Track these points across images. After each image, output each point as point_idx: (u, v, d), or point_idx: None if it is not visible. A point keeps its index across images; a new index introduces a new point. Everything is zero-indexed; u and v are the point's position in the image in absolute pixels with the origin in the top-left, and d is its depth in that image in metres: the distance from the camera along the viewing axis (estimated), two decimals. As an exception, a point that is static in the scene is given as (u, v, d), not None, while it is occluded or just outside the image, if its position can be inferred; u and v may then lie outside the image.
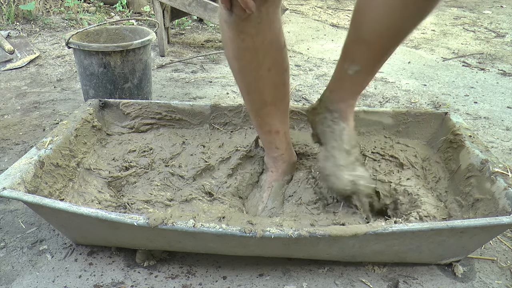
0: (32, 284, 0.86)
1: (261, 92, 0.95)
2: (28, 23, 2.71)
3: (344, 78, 0.97)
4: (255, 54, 0.89)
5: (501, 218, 0.79)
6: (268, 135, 1.03)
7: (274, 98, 0.97)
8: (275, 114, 0.99)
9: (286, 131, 1.04)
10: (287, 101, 1.00)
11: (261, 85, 0.94)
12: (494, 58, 2.49)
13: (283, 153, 1.05)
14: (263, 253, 0.88)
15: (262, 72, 0.91)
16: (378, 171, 1.11)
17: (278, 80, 0.95)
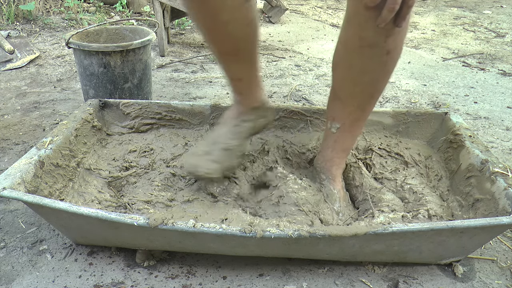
0: (32, 284, 0.86)
1: (220, 43, 0.94)
2: (28, 23, 2.71)
3: (328, 136, 1.02)
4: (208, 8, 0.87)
5: (501, 218, 0.79)
6: (230, 81, 1.03)
7: (235, 50, 0.96)
8: (236, 63, 0.99)
9: (250, 78, 1.03)
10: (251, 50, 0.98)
11: (219, 37, 0.93)
12: (494, 58, 2.49)
13: (244, 98, 1.05)
14: (263, 253, 0.88)
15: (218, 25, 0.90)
16: (385, 168, 1.12)
17: (239, 33, 0.93)
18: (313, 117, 1.24)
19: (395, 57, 0.89)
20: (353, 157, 1.13)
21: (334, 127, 0.99)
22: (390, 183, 1.08)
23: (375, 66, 0.89)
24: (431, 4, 4.11)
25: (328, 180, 1.04)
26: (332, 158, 1.04)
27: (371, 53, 0.86)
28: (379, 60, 0.87)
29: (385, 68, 0.90)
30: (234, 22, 0.90)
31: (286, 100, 1.81)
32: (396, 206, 0.98)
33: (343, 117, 0.98)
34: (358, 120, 0.99)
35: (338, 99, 0.97)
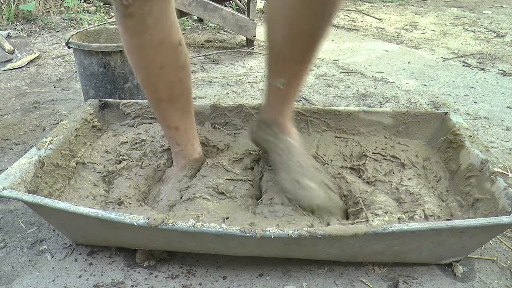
0: (32, 284, 0.86)
1: (156, 89, 0.96)
2: (28, 23, 2.71)
3: (274, 92, 0.99)
4: (144, 51, 0.90)
5: (501, 218, 0.79)
6: (168, 130, 1.03)
7: (170, 95, 0.97)
8: (173, 110, 1.00)
9: (187, 127, 1.04)
10: (186, 97, 1.00)
11: (154, 81, 0.95)
12: (494, 58, 2.49)
13: (183, 149, 1.06)
14: (263, 253, 0.88)
15: (153, 69, 0.92)
16: (378, 171, 1.11)
17: (173, 77, 0.95)
18: (313, 117, 1.24)
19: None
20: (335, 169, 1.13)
21: (280, 82, 0.96)
22: (384, 185, 1.07)
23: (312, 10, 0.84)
24: (431, 4, 4.11)
25: (283, 132, 1.01)
26: (282, 111, 1.01)
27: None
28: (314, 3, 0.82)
29: (323, 15, 0.85)
30: (168, 66, 0.92)
31: (286, 100, 1.81)
32: (390, 207, 0.97)
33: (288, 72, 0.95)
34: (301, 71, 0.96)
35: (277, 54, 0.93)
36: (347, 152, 1.19)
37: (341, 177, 1.08)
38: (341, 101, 1.82)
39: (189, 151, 1.07)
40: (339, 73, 2.17)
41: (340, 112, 1.23)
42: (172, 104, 0.99)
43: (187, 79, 0.98)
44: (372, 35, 2.98)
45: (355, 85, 2.01)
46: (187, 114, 1.03)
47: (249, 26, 2.36)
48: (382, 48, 2.66)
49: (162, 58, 0.91)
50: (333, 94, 1.89)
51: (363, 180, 1.10)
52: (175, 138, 1.04)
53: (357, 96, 1.88)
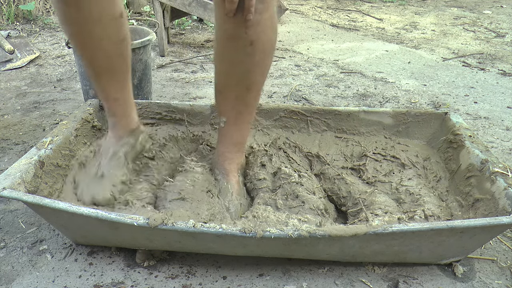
0: (32, 284, 0.86)
1: (95, 60, 0.96)
2: (28, 23, 2.71)
3: (219, 132, 1.04)
4: (83, 24, 0.89)
5: (501, 218, 0.79)
6: (106, 102, 1.04)
7: (109, 68, 0.97)
8: (111, 82, 1.00)
9: (125, 98, 1.04)
10: (124, 70, 1.01)
11: (94, 54, 0.95)
12: (494, 58, 2.49)
13: (121, 119, 1.06)
14: (263, 253, 0.88)
15: (93, 41, 0.92)
16: (379, 171, 1.11)
17: (113, 50, 0.95)
18: (313, 117, 1.24)
19: (261, 48, 0.90)
20: (337, 169, 1.13)
21: (222, 121, 1.01)
22: (384, 186, 1.07)
23: (242, 57, 0.91)
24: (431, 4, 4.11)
25: (222, 175, 1.05)
26: (223, 152, 1.05)
27: (235, 45, 0.90)
28: (244, 51, 0.90)
29: (253, 59, 0.92)
30: (108, 39, 0.92)
31: (286, 100, 1.81)
32: (390, 207, 0.98)
33: (227, 110, 1.00)
34: (242, 114, 1.00)
35: (219, 92, 0.99)
36: (348, 152, 1.19)
37: (340, 178, 1.09)
38: (341, 101, 1.82)
39: (127, 121, 1.07)
40: (339, 73, 2.17)
41: (340, 112, 1.23)
42: (110, 76, 0.99)
43: (126, 52, 0.99)
44: (372, 35, 2.98)
45: (355, 85, 2.01)
46: (125, 86, 1.03)
47: (249, 26, 2.35)
48: (382, 48, 2.66)
49: (102, 31, 0.90)
50: (333, 94, 1.89)
51: (363, 180, 1.10)
52: (113, 109, 1.04)
53: (357, 96, 1.88)
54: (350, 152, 1.19)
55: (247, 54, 0.91)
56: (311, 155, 1.18)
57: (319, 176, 1.13)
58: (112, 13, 0.90)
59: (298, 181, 1.02)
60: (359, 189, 1.05)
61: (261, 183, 1.06)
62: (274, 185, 1.06)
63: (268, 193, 1.03)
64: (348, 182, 1.07)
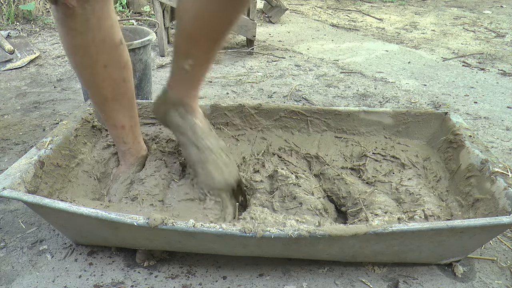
0: (32, 284, 0.86)
1: (100, 88, 0.98)
2: (28, 23, 2.71)
3: (181, 73, 0.99)
4: (87, 51, 0.91)
5: (501, 218, 0.79)
6: (114, 130, 1.05)
7: (115, 94, 0.99)
8: (118, 109, 1.02)
9: (132, 125, 1.06)
10: (130, 96, 1.03)
11: (99, 81, 0.96)
12: (494, 58, 2.49)
13: (130, 147, 1.08)
14: (263, 253, 0.88)
15: (97, 68, 0.94)
16: (378, 171, 1.11)
17: (117, 76, 0.97)
18: (313, 117, 1.24)
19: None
20: (337, 169, 1.13)
21: (187, 64, 0.97)
22: (384, 186, 1.07)
23: None
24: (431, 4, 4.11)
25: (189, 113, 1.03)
26: (188, 93, 1.03)
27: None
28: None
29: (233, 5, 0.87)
30: (111, 65, 0.94)
31: (286, 100, 1.81)
32: (389, 207, 0.98)
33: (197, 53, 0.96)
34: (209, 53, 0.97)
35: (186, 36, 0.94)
36: (347, 153, 1.19)
37: (340, 179, 1.09)
38: (341, 101, 1.82)
39: (137, 149, 1.09)
40: (339, 73, 2.17)
41: (340, 112, 1.23)
42: (117, 103, 1.01)
43: (130, 78, 1.01)
44: (372, 35, 2.98)
45: (355, 85, 2.01)
46: (132, 112, 1.05)
47: (249, 26, 2.36)
48: (382, 48, 2.66)
49: (105, 57, 0.93)
50: (333, 94, 1.89)
51: (363, 180, 1.10)
52: (122, 137, 1.06)
53: (357, 96, 1.88)
54: (350, 152, 1.19)
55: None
56: (310, 156, 1.18)
57: (319, 176, 1.13)
58: (113, 40, 0.93)
59: (296, 182, 1.02)
60: (359, 189, 1.05)
61: (258, 184, 1.06)
62: (271, 187, 1.05)
63: (265, 195, 1.03)
64: (347, 182, 1.07)
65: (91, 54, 0.91)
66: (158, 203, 0.98)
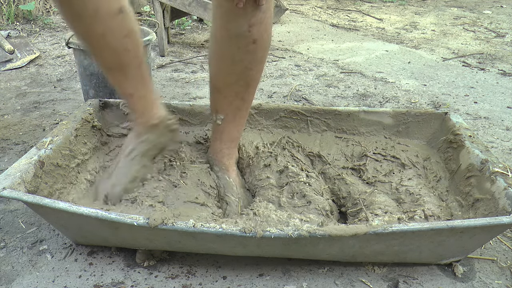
0: (32, 284, 0.86)
1: (102, 57, 0.96)
2: (28, 23, 2.71)
3: (215, 129, 1.05)
4: (81, 20, 0.88)
5: (501, 218, 0.79)
6: (124, 97, 1.03)
7: (118, 64, 0.96)
8: (124, 78, 0.99)
9: (142, 95, 1.02)
10: (136, 65, 0.99)
11: (99, 50, 0.94)
12: (494, 58, 2.49)
13: (139, 115, 1.04)
14: (263, 253, 0.88)
15: (96, 37, 0.91)
16: (379, 171, 1.11)
17: (117, 45, 0.94)
18: (313, 117, 1.24)
19: (263, 45, 0.92)
20: (338, 169, 1.13)
21: (219, 118, 1.02)
22: (384, 186, 1.07)
23: (244, 55, 0.92)
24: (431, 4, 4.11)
25: (222, 171, 1.06)
26: (221, 149, 1.06)
27: (238, 43, 0.90)
28: (246, 49, 0.91)
29: (255, 57, 0.93)
30: (110, 34, 0.91)
31: (286, 100, 1.81)
32: (389, 207, 0.98)
33: (225, 108, 1.01)
34: (240, 110, 1.02)
35: (218, 91, 1.00)
36: (348, 152, 1.19)
37: (340, 179, 1.09)
38: (341, 101, 1.82)
39: (146, 117, 1.05)
40: (339, 73, 2.17)
41: (340, 112, 1.23)
42: (121, 72, 0.98)
43: (135, 48, 0.97)
44: (372, 35, 2.98)
45: (355, 85, 2.01)
46: (141, 82, 1.01)
47: (249, 26, 2.35)
48: (382, 48, 2.66)
49: (101, 26, 0.89)
50: (333, 94, 1.89)
51: (363, 180, 1.10)
52: (131, 105, 1.04)
53: (357, 96, 1.88)
54: (350, 152, 1.19)
55: (249, 52, 0.92)
56: (313, 155, 1.18)
57: (320, 175, 1.13)
58: (108, 8, 0.89)
59: (307, 181, 1.03)
60: (359, 189, 1.05)
61: (262, 182, 1.06)
62: (279, 182, 1.06)
63: (271, 190, 1.03)
64: (348, 182, 1.07)
65: (85, 23, 0.88)
66: (158, 204, 0.98)
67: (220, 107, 1.03)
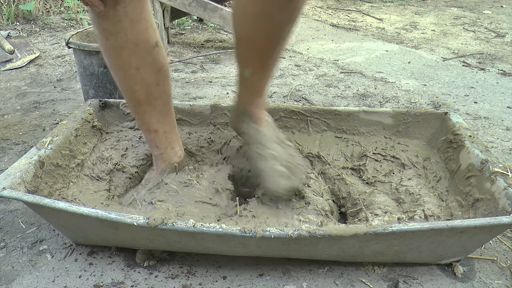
0: (32, 284, 0.86)
1: (133, 90, 0.96)
2: (28, 23, 2.71)
3: (243, 82, 1.01)
4: (120, 53, 0.90)
5: (501, 218, 0.79)
6: (147, 133, 1.03)
7: (148, 98, 0.97)
8: (151, 113, 1.00)
9: (166, 130, 1.03)
10: (165, 100, 1.00)
11: (131, 83, 0.95)
12: (494, 58, 2.49)
13: (162, 152, 1.05)
14: (263, 253, 0.88)
15: (130, 70, 0.92)
16: (379, 171, 1.11)
17: (150, 79, 0.95)
18: (313, 117, 1.24)
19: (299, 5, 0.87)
20: (335, 170, 1.13)
21: (248, 72, 0.98)
22: (384, 186, 1.07)
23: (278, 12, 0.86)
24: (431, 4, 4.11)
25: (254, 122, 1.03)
26: (251, 101, 1.03)
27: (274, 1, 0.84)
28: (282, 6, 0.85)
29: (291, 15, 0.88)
30: (144, 68, 0.92)
31: (286, 100, 1.81)
32: (389, 207, 0.98)
33: (255, 61, 0.96)
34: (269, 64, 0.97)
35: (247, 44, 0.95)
36: (348, 152, 1.19)
37: (340, 179, 1.08)
38: (341, 101, 1.82)
39: (169, 155, 1.06)
40: (339, 73, 2.17)
41: (340, 112, 1.23)
42: (150, 107, 0.99)
43: (165, 82, 0.98)
44: (372, 35, 2.98)
45: (355, 85, 2.01)
46: (166, 117, 1.03)
47: (249, 26, 2.35)
48: (382, 48, 2.66)
49: (138, 59, 0.91)
50: (333, 94, 1.89)
51: (363, 180, 1.10)
52: (154, 141, 1.04)
53: (357, 96, 1.88)
54: (350, 152, 1.19)
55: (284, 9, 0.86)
56: (312, 156, 1.18)
57: (320, 176, 1.13)
58: (147, 42, 0.91)
59: (305, 182, 1.02)
60: (358, 189, 1.05)
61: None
62: None
63: None
64: (348, 182, 1.07)
65: (124, 56, 0.90)
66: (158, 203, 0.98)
67: (249, 60, 0.97)
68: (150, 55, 0.93)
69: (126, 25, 0.86)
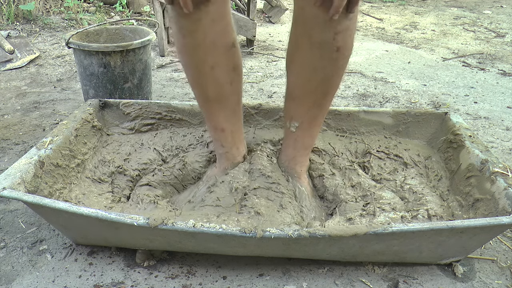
0: (32, 284, 0.86)
1: (204, 88, 0.96)
2: (28, 23, 2.71)
3: (288, 136, 1.03)
4: (196, 51, 0.89)
5: (501, 218, 0.79)
6: (214, 131, 1.03)
7: (218, 96, 0.97)
8: (220, 111, 0.99)
9: (233, 130, 1.03)
10: (235, 100, 1.00)
11: (204, 81, 0.94)
12: (494, 58, 2.49)
13: (227, 151, 1.05)
14: (263, 253, 0.88)
15: (204, 69, 0.92)
16: (383, 169, 1.12)
17: (223, 78, 0.94)
18: (313, 117, 1.24)
19: (346, 53, 0.88)
20: (347, 161, 1.13)
21: (293, 126, 0.99)
22: (390, 184, 1.08)
23: (326, 63, 0.89)
24: (431, 4, 4.11)
25: (295, 178, 1.04)
26: (294, 156, 1.04)
27: (321, 51, 0.87)
28: (329, 57, 0.87)
29: (336, 65, 0.90)
30: (219, 67, 0.92)
31: (286, 100, 1.81)
32: (397, 204, 0.98)
33: (301, 115, 0.98)
34: (316, 118, 0.99)
35: (294, 98, 0.97)
36: (352, 149, 1.19)
37: (352, 169, 1.09)
38: (341, 101, 1.82)
39: (234, 154, 1.05)
40: (339, 73, 2.17)
41: (340, 112, 1.23)
42: (219, 105, 0.98)
43: (237, 82, 0.97)
44: (372, 35, 2.98)
45: (355, 85, 2.01)
46: (235, 117, 1.02)
47: (249, 26, 2.36)
48: (382, 48, 2.66)
49: (213, 58, 0.90)
50: (333, 94, 1.89)
51: (370, 177, 1.11)
52: (220, 140, 1.03)
53: (357, 96, 1.88)
54: (354, 149, 1.19)
55: (332, 60, 0.88)
56: (318, 150, 1.17)
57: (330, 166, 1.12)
58: (225, 42, 0.90)
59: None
60: (368, 183, 1.05)
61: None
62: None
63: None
64: (359, 173, 1.08)
65: (200, 54, 0.89)
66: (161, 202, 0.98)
67: (295, 114, 0.99)
68: (226, 55, 0.92)
69: (206, 25, 0.85)
